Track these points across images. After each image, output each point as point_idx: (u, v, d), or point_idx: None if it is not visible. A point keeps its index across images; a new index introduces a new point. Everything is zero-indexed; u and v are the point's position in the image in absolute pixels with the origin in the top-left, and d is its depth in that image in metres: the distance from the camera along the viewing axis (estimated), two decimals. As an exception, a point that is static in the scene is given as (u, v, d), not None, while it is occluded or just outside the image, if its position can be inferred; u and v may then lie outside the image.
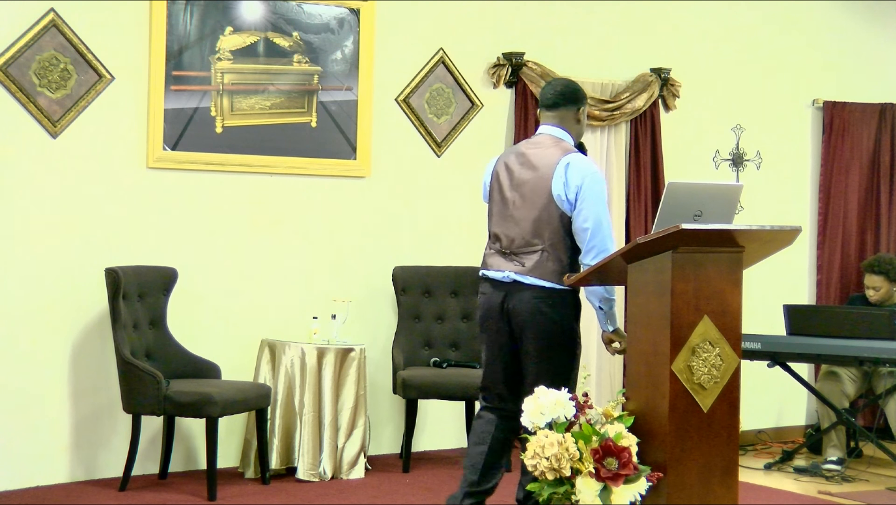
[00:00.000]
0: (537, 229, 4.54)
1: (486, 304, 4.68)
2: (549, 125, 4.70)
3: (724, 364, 4.10)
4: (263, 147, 6.36)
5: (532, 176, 4.58)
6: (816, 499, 6.05)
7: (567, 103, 4.69)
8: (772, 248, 4.38)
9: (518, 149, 4.74)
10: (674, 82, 7.52)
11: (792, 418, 7.94)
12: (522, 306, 4.55)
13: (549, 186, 4.51)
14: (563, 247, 4.53)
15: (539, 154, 4.61)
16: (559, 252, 4.53)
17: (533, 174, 4.57)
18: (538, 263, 4.53)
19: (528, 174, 4.59)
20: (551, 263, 4.52)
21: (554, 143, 4.63)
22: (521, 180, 4.60)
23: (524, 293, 4.55)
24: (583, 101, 4.72)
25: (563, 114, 4.69)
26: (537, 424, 4.04)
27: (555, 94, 4.70)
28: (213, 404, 5.55)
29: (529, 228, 4.56)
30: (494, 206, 4.71)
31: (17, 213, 5.78)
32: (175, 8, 6.08)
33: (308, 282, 6.50)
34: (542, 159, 4.57)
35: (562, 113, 4.69)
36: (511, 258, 4.60)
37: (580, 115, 4.72)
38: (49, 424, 5.84)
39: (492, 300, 4.65)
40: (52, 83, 5.81)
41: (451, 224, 6.93)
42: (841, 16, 8.16)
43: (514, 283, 4.57)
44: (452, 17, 6.91)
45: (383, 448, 6.67)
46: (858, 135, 8.05)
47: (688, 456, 4.03)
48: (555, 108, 4.69)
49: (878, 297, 7.08)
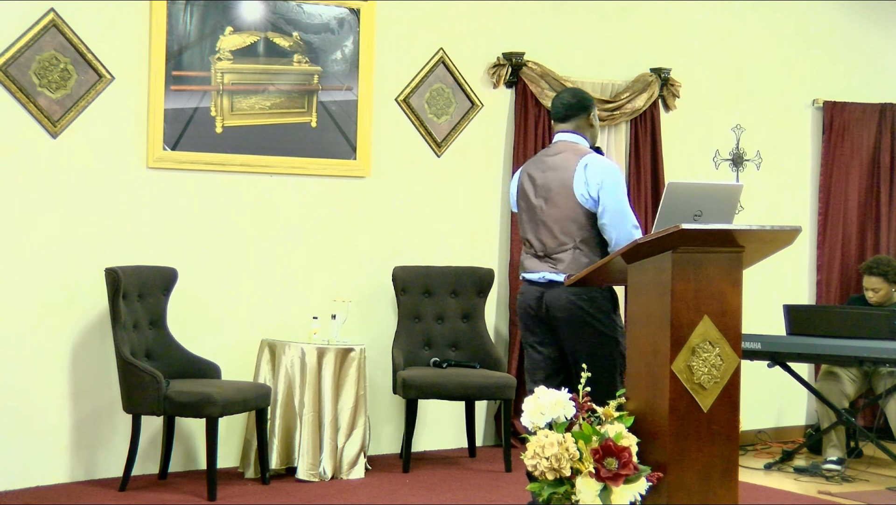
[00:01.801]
0: (566, 229, 4.74)
1: (523, 303, 4.89)
2: (565, 132, 4.91)
3: (724, 364, 4.10)
4: (263, 147, 6.36)
5: (554, 180, 4.78)
6: (816, 499, 6.05)
7: (578, 112, 4.90)
8: (772, 249, 4.38)
9: (538, 158, 4.97)
10: (674, 82, 7.52)
11: (792, 418, 7.94)
12: (559, 304, 4.72)
13: (571, 187, 4.71)
14: (593, 243, 4.73)
15: (558, 159, 4.81)
16: (590, 248, 4.73)
17: (555, 179, 4.78)
18: (571, 261, 4.72)
19: (550, 179, 4.80)
20: (584, 259, 4.70)
21: (571, 147, 4.84)
22: (545, 186, 4.81)
23: (560, 291, 4.71)
24: (591, 107, 4.93)
25: (575, 122, 4.90)
26: (537, 424, 4.04)
27: (564, 106, 4.91)
28: (213, 404, 5.55)
29: (558, 229, 4.75)
30: (523, 214, 4.94)
31: (17, 213, 5.77)
32: (175, 8, 6.08)
33: (308, 282, 6.50)
34: (562, 163, 4.78)
35: (574, 122, 4.90)
36: (545, 260, 4.79)
37: (592, 120, 4.94)
38: (49, 424, 5.84)
39: (529, 300, 4.85)
40: (52, 83, 5.81)
41: (451, 224, 6.94)
42: (841, 16, 8.16)
43: (549, 282, 4.76)
44: (452, 17, 6.91)
45: (383, 448, 6.67)
46: (858, 135, 8.05)
47: (688, 456, 4.03)
48: (566, 120, 4.91)
49: (877, 298, 7.08)
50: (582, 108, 4.89)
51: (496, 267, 7.00)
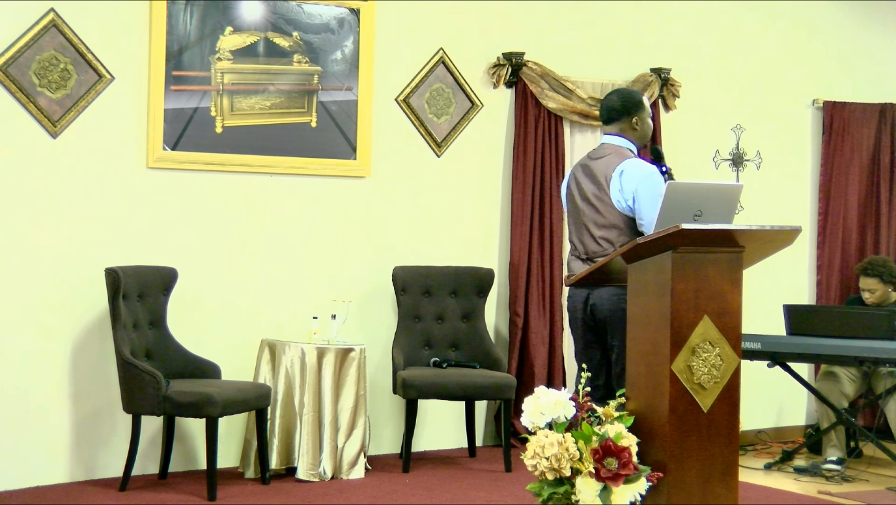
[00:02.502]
0: (606, 235, 4.82)
1: (571, 305, 4.98)
2: (610, 135, 4.98)
3: (724, 364, 4.10)
4: (263, 147, 6.36)
5: (594, 186, 4.86)
6: (816, 499, 6.05)
7: (621, 116, 4.95)
8: (772, 249, 4.38)
9: (584, 160, 5.03)
10: (674, 82, 7.52)
11: (792, 418, 7.94)
12: (603, 304, 4.79)
13: (608, 194, 4.80)
14: None
15: (600, 164, 4.88)
16: None
17: (594, 184, 4.86)
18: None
19: (590, 184, 4.88)
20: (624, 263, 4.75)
21: (614, 150, 4.90)
22: (587, 190, 4.89)
23: (603, 291, 4.78)
24: (636, 110, 4.96)
25: (619, 125, 4.96)
26: (537, 424, 4.04)
27: (606, 109, 4.99)
28: (213, 404, 5.55)
29: (599, 234, 4.84)
30: (570, 216, 5.07)
31: (17, 213, 5.77)
32: (175, 8, 6.08)
33: (308, 282, 6.50)
34: (602, 169, 4.84)
35: (618, 125, 4.96)
36: (588, 263, 4.86)
37: (635, 124, 4.97)
38: (49, 424, 5.84)
39: (576, 300, 4.93)
40: (52, 83, 5.81)
41: (451, 224, 6.94)
42: (841, 16, 8.16)
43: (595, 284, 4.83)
44: (452, 17, 6.91)
45: (383, 448, 6.67)
46: (858, 135, 8.05)
47: (688, 456, 4.03)
48: (610, 123, 4.98)
49: (873, 299, 7.07)
50: (625, 112, 4.93)
51: (496, 267, 7.00)
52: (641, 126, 4.96)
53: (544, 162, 7.02)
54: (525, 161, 6.99)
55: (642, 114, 4.96)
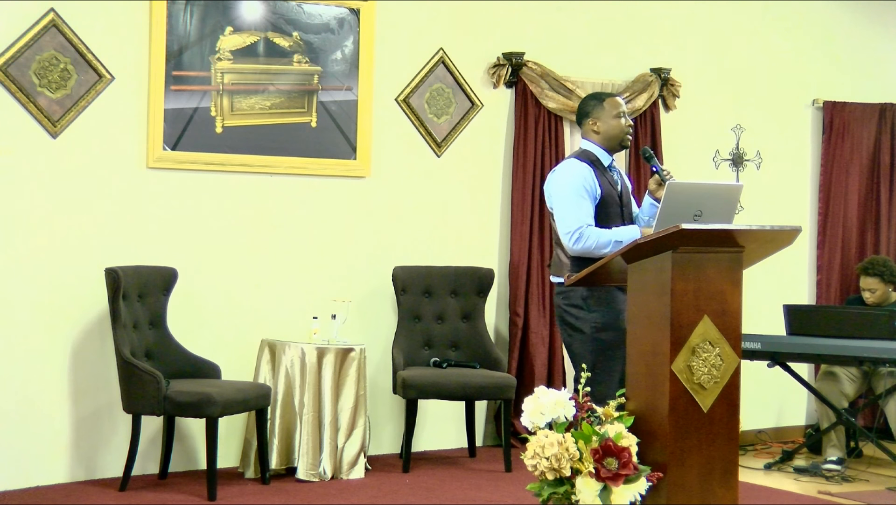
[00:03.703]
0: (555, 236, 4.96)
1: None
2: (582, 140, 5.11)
3: (724, 364, 4.10)
4: (263, 147, 6.36)
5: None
6: (816, 499, 6.05)
7: (582, 120, 5.07)
8: (772, 248, 4.38)
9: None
10: (674, 82, 7.52)
11: (792, 418, 7.94)
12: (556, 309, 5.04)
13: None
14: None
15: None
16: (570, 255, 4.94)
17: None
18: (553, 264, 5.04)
19: None
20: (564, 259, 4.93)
21: (573, 154, 5.06)
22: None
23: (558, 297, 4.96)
24: (593, 111, 5.02)
25: (583, 130, 5.09)
26: (537, 424, 4.04)
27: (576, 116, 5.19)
28: (213, 404, 5.55)
29: (554, 237, 5.00)
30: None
31: (17, 212, 5.77)
32: (175, 8, 6.08)
33: (308, 282, 6.50)
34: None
35: (582, 129, 5.10)
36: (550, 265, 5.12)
37: (594, 126, 5.02)
38: (49, 424, 5.84)
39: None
40: (52, 83, 5.81)
41: (451, 224, 6.94)
42: (841, 16, 8.16)
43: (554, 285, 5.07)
44: (452, 17, 6.91)
45: (383, 448, 6.67)
46: (858, 135, 8.05)
47: (688, 456, 4.03)
48: (579, 126, 5.13)
49: (874, 299, 7.07)
50: (582, 115, 5.05)
51: (496, 267, 7.00)
52: (603, 127, 4.96)
53: (544, 162, 7.02)
54: (525, 161, 6.99)
55: (601, 114, 4.97)
